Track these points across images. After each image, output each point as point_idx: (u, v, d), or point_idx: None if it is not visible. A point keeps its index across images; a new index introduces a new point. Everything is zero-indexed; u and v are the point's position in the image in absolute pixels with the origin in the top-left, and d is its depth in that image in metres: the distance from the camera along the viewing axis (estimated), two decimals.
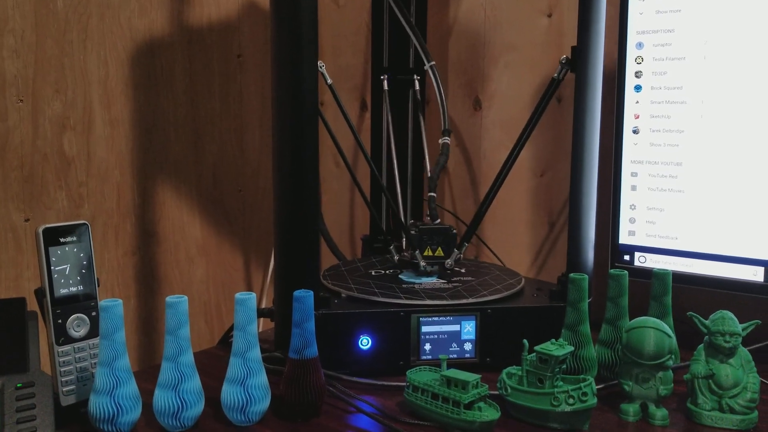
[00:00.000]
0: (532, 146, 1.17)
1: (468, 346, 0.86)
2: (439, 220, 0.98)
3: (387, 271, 0.99)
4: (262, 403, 0.72)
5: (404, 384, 0.78)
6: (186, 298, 0.71)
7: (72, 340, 0.72)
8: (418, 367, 0.78)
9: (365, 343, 0.84)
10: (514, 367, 0.77)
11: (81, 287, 0.73)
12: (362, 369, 0.83)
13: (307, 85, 0.81)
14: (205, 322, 1.26)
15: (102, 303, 0.68)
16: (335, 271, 1.01)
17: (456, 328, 0.85)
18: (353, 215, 1.45)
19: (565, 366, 0.73)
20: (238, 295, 0.72)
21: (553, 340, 0.74)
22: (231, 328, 0.87)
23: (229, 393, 0.71)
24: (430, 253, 0.94)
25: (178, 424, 0.70)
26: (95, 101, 1.06)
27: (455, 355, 0.85)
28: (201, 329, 1.25)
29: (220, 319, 1.27)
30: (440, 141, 1.00)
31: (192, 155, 1.20)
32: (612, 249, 1.01)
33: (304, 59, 0.81)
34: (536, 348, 0.72)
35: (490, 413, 0.70)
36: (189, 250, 1.22)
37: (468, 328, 0.85)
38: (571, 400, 0.70)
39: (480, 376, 0.72)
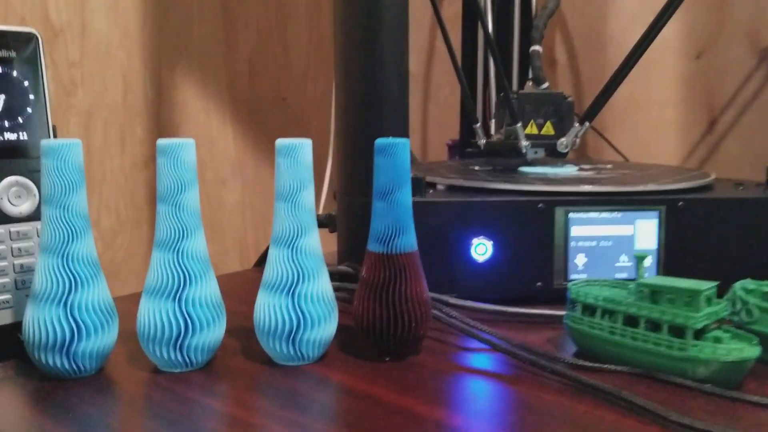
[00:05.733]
0: (682, 18, 0.85)
1: (646, 260, 0.54)
2: (546, 84, 0.68)
3: (493, 168, 0.68)
4: (324, 328, 0.42)
5: (553, 311, 0.48)
6: (193, 140, 0.42)
7: (7, 219, 0.43)
8: (581, 281, 0.46)
9: (482, 251, 0.53)
10: (752, 281, 0.45)
11: (24, 134, 0.44)
12: (476, 292, 0.53)
13: None
14: (240, 263, 0.97)
15: (45, 143, 0.39)
16: (419, 164, 0.70)
17: (627, 229, 0.53)
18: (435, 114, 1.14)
19: None
20: (280, 141, 0.42)
21: None
22: None
23: (267, 308, 0.41)
24: (535, 131, 0.63)
25: (180, 357, 0.40)
26: None
27: (626, 275, 0.54)
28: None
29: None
30: None
31: (222, 44, 0.92)
32: None
33: None
34: None
35: (741, 347, 0.38)
36: (219, 169, 0.93)
37: (646, 230, 0.53)
38: None
39: (716, 282, 0.40)
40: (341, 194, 0.56)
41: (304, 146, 0.41)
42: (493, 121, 0.73)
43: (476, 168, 0.68)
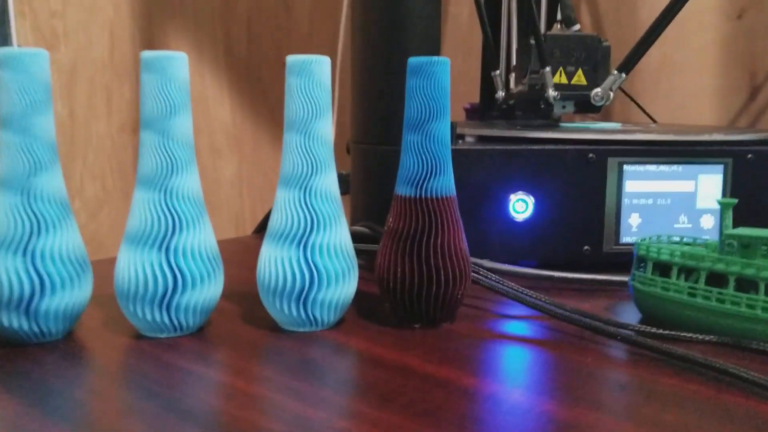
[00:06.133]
0: None
1: (708, 220, 0.47)
2: (578, 27, 0.60)
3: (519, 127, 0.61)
4: (341, 288, 0.34)
5: (611, 277, 0.41)
6: (185, 54, 0.34)
7: None
8: (650, 237, 0.39)
9: (521, 208, 0.46)
10: None
11: None
12: (513, 255, 0.45)
13: None
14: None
15: (3, 51, 0.32)
16: None
17: (688, 185, 0.46)
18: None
19: None
20: (292, 57, 0.34)
21: None
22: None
23: (273, 262, 0.34)
24: (564, 80, 0.56)
25: (167, 319, 0.33)
26: None
27: (688, 236, 0.47)
28: None
29: None
30: None
31: (218, 1, 0.84)
32: None
33: None
34: None
35: None
36: (215, 139, 0.86)
37: (710, 186, 0.46)
38: None
39: None
40: (355, 144, 0.49)
41: (321, 63, 0.34)
42: (512, 75, 0.65)
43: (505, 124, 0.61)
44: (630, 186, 0.46)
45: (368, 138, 0.47)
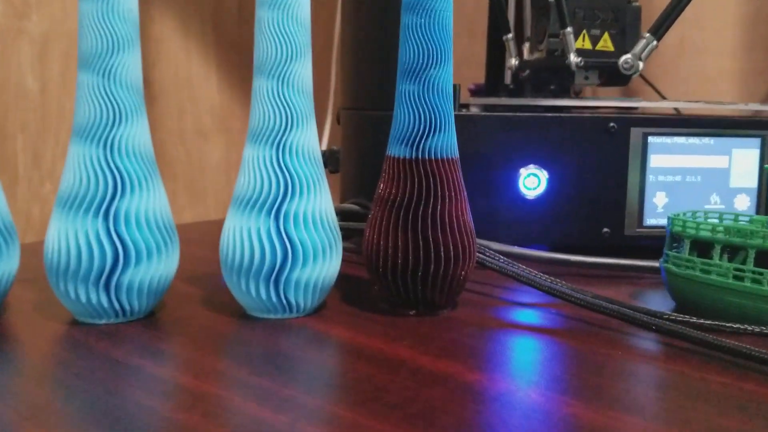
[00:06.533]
0: None
1: (742, 200, 0.41)
2: None
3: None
4: (321, 266, 0.29)
5: (637, 262, 0.35)
6: None
7: None
8: (683, 213, 0.34)
9: (533, 184, 0.40)
10: None
11: None
12: (523, 237, 0.40)
13: None
14: None
15: None
16: None
17: (721, 161, 0.41)
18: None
19: None
20: None
21: None
22: None
23: (239, 234, 0.28)
24: (588, 45, 0.50)
25: (107, 301, 0.27)
26: None
27: (727, 214, 0.41)
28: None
29: None
30: None
31: None
32: None
33: None
34: None
35: None
36: (201, 119, 0.80)
37: (745, 162, 0.41)
38: None
39: None
40: (346, 110, 0.43)
41: None
42: (527, 44, 0.59)
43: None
44: (655, 161, 0.40)
45: (360, 102, 0.42)
